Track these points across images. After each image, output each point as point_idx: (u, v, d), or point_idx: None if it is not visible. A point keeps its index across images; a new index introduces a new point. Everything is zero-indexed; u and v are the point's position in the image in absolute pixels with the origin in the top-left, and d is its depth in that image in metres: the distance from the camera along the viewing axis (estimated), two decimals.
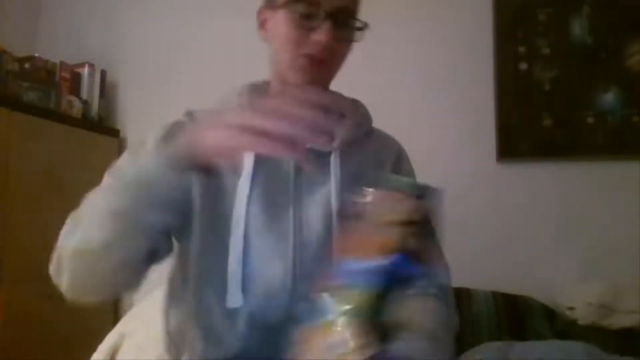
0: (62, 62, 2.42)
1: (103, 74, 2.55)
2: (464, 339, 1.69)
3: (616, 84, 1.88)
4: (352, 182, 0.84)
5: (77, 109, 2.40)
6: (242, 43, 2.43)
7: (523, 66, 1.99)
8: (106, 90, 2.56)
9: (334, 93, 1.01)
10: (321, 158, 0.90)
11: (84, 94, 2.47)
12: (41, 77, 2.30)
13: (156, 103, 2.52)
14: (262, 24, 0.92)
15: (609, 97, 1.89)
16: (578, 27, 1.95)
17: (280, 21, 0.86)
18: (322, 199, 0.87)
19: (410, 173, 1.02)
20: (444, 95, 2.09)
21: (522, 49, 2.00)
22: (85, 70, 2.48)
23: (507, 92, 2.00)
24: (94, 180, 0.79)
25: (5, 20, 2.57)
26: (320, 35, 0.83)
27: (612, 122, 1.88)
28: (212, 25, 2.47)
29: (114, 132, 2.56)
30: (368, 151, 0.97)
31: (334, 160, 0.90)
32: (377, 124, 1.05)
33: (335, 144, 0.91)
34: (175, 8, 2.57)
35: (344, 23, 0.86)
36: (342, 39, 0.87)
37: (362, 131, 0.98)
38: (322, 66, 0.87)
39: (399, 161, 1.01)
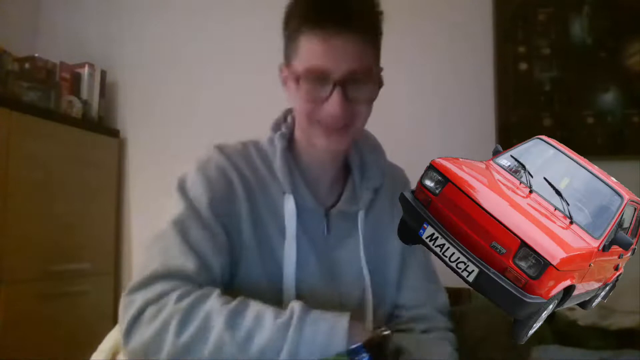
0: (62, 62, 2.42)
1: (103, 74, 2.55)
2: (463, 340, 1.68)
3: (616, 84, 1.88)
4: (373, 233, 1.00)
5: (77, 109, 2.40)
6: (241, 43, 2.43)
7: (523, 66, 1.99)
8: (106, 90, 2.56)
9: (356, 148, 1.03)
10: (348, 218, 0.99)
11: (84, 94, 2.47)
12: (41, 77, 2.30)
13: (156, 103, 2.52)
14: (284, 81, 0.94)
15: (609, 97, 1.89)
16: (578, 27, 1.95)
17: (294, 90, 0.89)
18: (351, 253, 0.98)
19: None
20: (444, 95, 2.09)
21: (522, 49, 2.00)
22: (85, 70, 2.48)
23: (507, 92, 2.00)
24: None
25: (5, 20, 2.57)
26: (331, 107, 0.85)
27: (612, 122, 1.88)
28: (212, 26, 2.47)
29: (114, 132, 2.56)
30: (383, 196, 1.04)
31: (361, 219, 0.99)
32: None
33: (361, 204, 1.00)
34: (175, 8, 2.57)
35: (357, 86, 0.86)
36: (356, 101, 0.87)
37: (379, 181, 1.04)
38: (341, 131, 0.89)
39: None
